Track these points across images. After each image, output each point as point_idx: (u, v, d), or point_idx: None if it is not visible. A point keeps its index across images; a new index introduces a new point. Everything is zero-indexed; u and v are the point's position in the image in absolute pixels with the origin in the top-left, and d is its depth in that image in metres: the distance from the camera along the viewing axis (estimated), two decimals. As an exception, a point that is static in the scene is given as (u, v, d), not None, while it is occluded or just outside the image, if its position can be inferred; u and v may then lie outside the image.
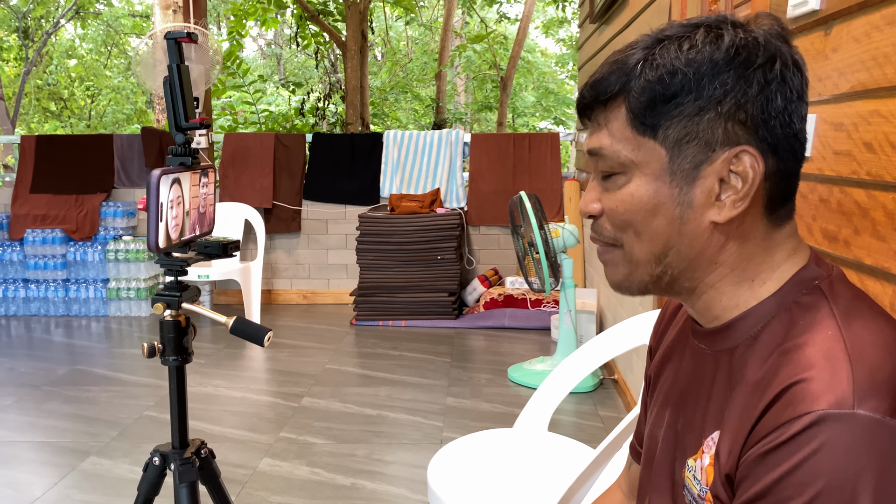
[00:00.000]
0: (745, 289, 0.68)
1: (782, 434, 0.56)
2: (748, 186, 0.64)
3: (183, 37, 1.24)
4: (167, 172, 1.20)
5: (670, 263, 0.68)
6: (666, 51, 0.64)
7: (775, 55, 0.63)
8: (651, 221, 0.67)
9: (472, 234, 4.90)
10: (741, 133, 0.63)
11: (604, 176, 0.70)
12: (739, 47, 0.63)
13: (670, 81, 0.63)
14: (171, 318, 1.31)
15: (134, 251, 4.59)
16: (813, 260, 0.68)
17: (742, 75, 0.63)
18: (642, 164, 0.66)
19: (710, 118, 0.63)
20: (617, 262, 0.71)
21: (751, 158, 0.63)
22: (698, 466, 0.67)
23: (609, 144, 0.67)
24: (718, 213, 0.65)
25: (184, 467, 1.34)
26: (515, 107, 13.51)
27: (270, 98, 10.77)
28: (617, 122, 0.67)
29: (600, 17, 3.77)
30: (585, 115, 0.70)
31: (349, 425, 2.84)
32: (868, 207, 1.06)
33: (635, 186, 0.67)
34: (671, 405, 0.76)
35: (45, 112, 15.02)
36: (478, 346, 3.97)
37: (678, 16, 2.28)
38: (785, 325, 0.64)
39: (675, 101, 0.64)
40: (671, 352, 0.81)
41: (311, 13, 7.13)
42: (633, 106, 0.65)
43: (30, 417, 2.93)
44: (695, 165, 0.65)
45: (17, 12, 12.70)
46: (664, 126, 0.64)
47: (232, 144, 4.93)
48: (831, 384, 0.56)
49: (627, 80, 0.65)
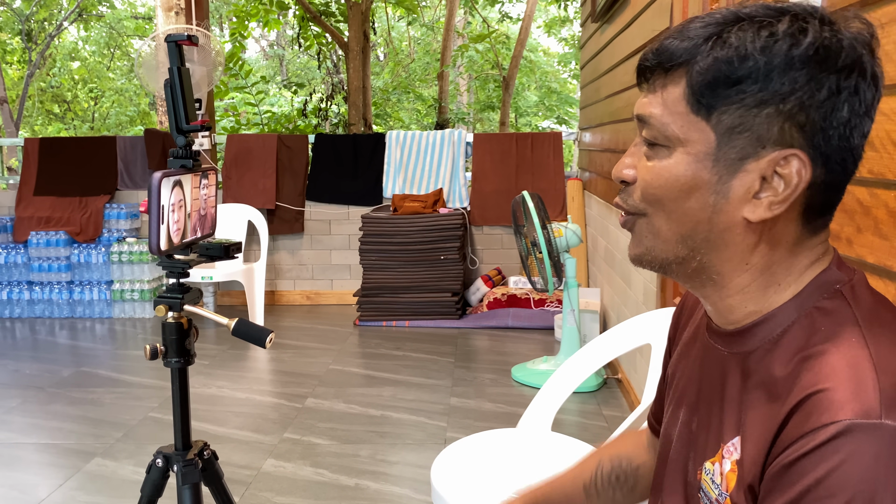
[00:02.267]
0: (772, 293, 0.66)
1: (808, 443, 0.55)
2: (789, 191, 0.61)
3: (183, 39, 1.24)
4: (168, 175, 1.20)
5: (699, 249, 0.66)
6: (742, 32, 0.60)
7: (855, 64, 0.60)
8: (683, 202, 0.65)
9: (475, 233, 4.90)
10: (796, 136, 0.61)
11: (647, 144, 0.67)
12: (821, 47, 0.59)
13: (739, 65, 0.60)
14: (174, 321, 1.32)
15: (137, 253, 4.60)
16: (835, 263, 0.66)
17: (814, 77, 0.59)
18: (688, 142, 0.64)
19: (768, 113, 0.60)
20: (641, 233, 0.69)
21: (799, 164, 0.61)
22: (717, 470, 0.66)
23: (660, 114, 0.65)
24: (753, 212, 0.63)
25: (187, 469, 1.34)
26: (518, 106, 13.50)
27: (273, 99, 10.78)
28: (674, 93, 0.64)
29: (602, 16, 3.77)
30: (644, 77, 0.67)
31: (353, 426, 2.84)
32: (870, 206, 1.06)
33: (675, 163, 0.64)
34: (686, 404, 0.75)
35: (48, 114, 15.06)
36: (481, 345, 3.97)
37: (679, 15, 2.28)
38: (806, 330, 0.63)
39: (738, 87, 0.60)
40: (688, 349, 0.80)
41: (313, 14, 7.13)
42: (693, 81, 0.62)
43: (34, 419, 2.94)
44: (741, 157, 0.62)
45: (21, 15, 12.73)
46: (720, 110, 0.61)
47: (235, 146, 4.93)
48: (857, 393, 0.55)
49: (695, 54, 0.62)
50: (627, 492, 0.96)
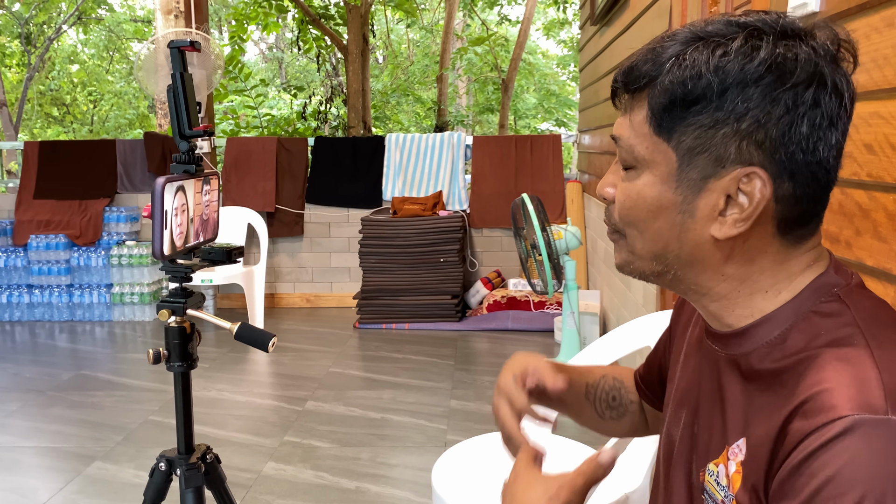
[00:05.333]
0: (760, 299, 0.66)
1: (814, 442, 0.55)
2: (752, 208, 0.62)
3: (186, 45, 1.25)
4: (171, 180, 1.21)
5: (672, 264, 0.67)
6: (699, 52, 0.61)
7: (812, 78, 0.59)
8: (652, 222, 0.66)
9: (475, 236, 4.90)
10: (756, 154, 0.61)
11: (622, 164, 0.68)
12: (773, 64, 0.59)
13: (693, 86, 0.60)
14: (177, 325, 1.32)
15: (137, 256, 4.60)
16: (832, 267, 0.66)
17: (769, 94, 0.59)
18: (653, 163, 0.65)
19: (725, 133, 0.60)
20: (621, 248, 0.71)
21: (760, 182, 0.61)
22: (722, 472, 0.66)
23: (627, 136, 0.66)
24: (719, 230, 0.63)
25: (189, 473, 1.35)
26: (517, 109, 13.51)
27: (272, 102, 10.79)
28: (639, 115, 0.65)
29: (601, 18, 3.78)
30: (615, 97, 0.69)
31: (353, 429, 2.84)
32: (869, 209, 1.06)
33: (643, 184, 0.66)
34: (687, 405, 0.76)
35: (47, 117, 15.06)
36: (481, 348, 3.97)
37: (679, 18, 2.29)
38: (805, 332, 0.63)
39: (693, 109, 0.61)
40: (690, 350, 0.80)
41: (312, 17, 7.15)
42: (654, 103, 0.63)
43: (35, 423, 2.94)
44: (702, 177, 0.63)
45: (20, 18, 12.74)
46: (679, 131, 0.62)
47: (234, 149, 4.94)
48: (861, 390, 0.55)
49: (656, 76, 0.63)
50: (616, 417, 0.99)
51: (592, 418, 0.98)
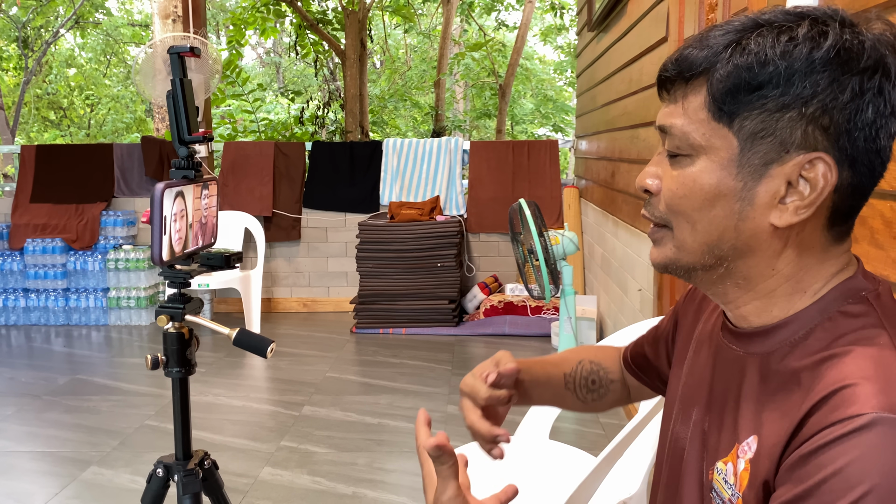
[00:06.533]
0: (798, 299, 0.66)
1: (829, 434, 0.55)
2: (815, 195, 0.61)
3: (186, 51, 1.25)
4: (171, 186, 1.21)
5: (725, 256, 0.66)
6: (762, 38, 0.61)
7: (878, 64, 0.60)
8: (708, 210, 0.65)
9: (472, 241, 4.91)
10: (821, 139, 0.60)
11: (670, 154, 0.67)
12: (842, 49, 0.59)
13: (759, 71, 0.60)
14: (175, 330, 1.32)
15: (134, 260, 4.59)
16: (860, 272, 0.67)
17: (837, 79, 0.59)
18: (711, 150, 0.64)
19: (791, 117, 0.60)
20: (666, 243, 0.69)
21: (825, 167, 0.61)
22: (731, 470, 0.66)
23: (681, 124, 0.65)
24: (779, 217, 0.63)
25: (187, 479, 1.35)
26: (514, 114, 13.54)
27: (270, 106, 10.79)
28: (694, 102, 0.64)
29: (598, 24, 3.79)
30: (665, 88, 0.67)
31: (350, 434, 2.84)
32: (866, 216, 1.07)
33: (699, 171, 0.64)
34: (697, 404, 0.75)
35: (44, 121, 15.04)
36: (478, 353, 3.97)
37: (675, 25, 2.30)
38: (830, 332, 0.63)
39: (759, 93, 0.60)
40: (700, 346, 0.79)
41: (310, 22, 7.16)
42: (714, 89, 0.62)
43: (30, 427, 2.93)
44: (764, 163, 0.62)
45: (17, 22, 12.73)
46: (742, 116, 0.62)
47: (232, 153, 4.94)
48: (885, 389, 0.55)
49: (714, 62, 0.62)
50: (598, 398, 0.99)
51: (576, 404, 1.00)
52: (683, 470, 0.75)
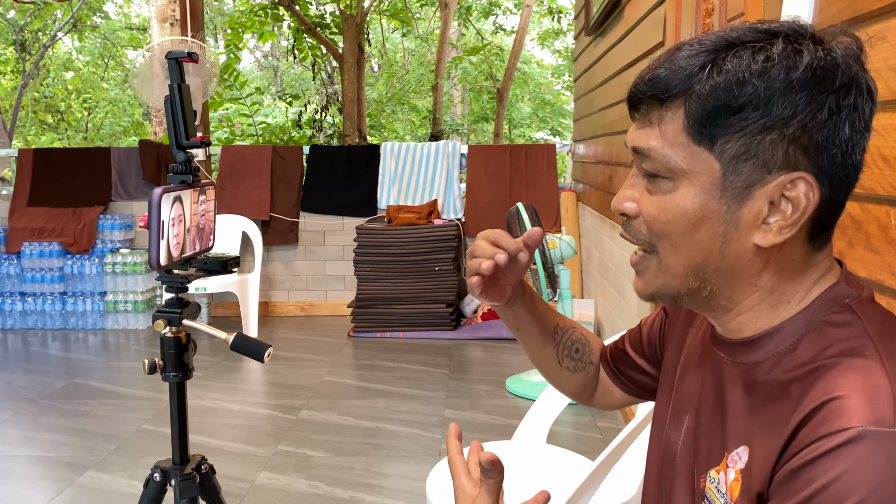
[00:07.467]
0: (782, 309, 0.66)
1: (818, 448, 0.55)
2: (798, 214, 0.61)
3: (184, 56, 1.26)
4: (168, 191, 1.21)
5: (709, 279, 0.66)
6: (737, 58, 0.60)
7: (852, 81, 0.60)
8: (692, 235, 0.64)
9: (470, 244, 4.90)
10: (801, 158, 0.60)
11: (647, 176, 0.66)
12: (818, 68, 0.59)
13: (739, 92, 0.59)
14: (172, 335, 1.32)
15: (131, 264, 4.59)
16: (844, 278, 0.67)
17: (814, 98, 0.59)
18: (693, 174, 0.63)
19: (772, 139, 0.60)
20: (651, 272, 0.69)
21: (806, 186, 0.61)
22: (722, 480, 0.66)
23: (660, 147, 0.64)
24: (763, 237, 0.63)
25: (184, 483, 1.34)
26: (512, 118, 13.55)
27: (267, 110, 10.79)
28: (672, 125, 0.63)
29: (595, 29, 3.80)
30: (636, 107, 0.66)
31: (347, 438, 2.84)
32: (862, 220, 1.07)
33: (681, 196, 0.64)
34: (690, 411, 0.76)
35: (41, 124, 15.03)
36: (476, 357, 3.97)
37: (672, 29, 2.31)
38: (816, 343, 0.63)
39: (739, 115, 0.60)
40: (692, 353, 0.79)
41: (307, 26, 7.16)
42: (693, 111, 0.61)
43: (27, 431, 2.92)
44: (747, 185, 0.62)
45: (15, 25, 12.73)
46: (723, 139, 0.61)
47: (229, 157, 4.94)
48: (871, 402, 0.55)
49: (691, 83, 0.61)
50: (572, 370, 0.99)
51: (550, 361, 0.98)
52: (675, 476, 0.75)
